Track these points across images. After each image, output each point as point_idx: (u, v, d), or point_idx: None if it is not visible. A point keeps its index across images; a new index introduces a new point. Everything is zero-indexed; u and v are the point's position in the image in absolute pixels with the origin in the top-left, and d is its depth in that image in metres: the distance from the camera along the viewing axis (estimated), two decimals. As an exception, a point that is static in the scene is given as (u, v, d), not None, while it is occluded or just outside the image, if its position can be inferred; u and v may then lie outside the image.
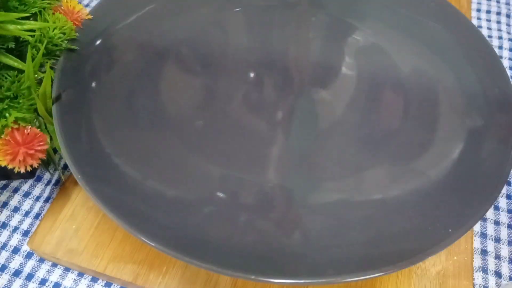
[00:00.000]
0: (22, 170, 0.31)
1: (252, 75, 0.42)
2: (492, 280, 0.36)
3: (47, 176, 0.40)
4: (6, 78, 0.31)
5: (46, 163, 0.37)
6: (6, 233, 0.37)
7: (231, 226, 0.32)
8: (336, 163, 0.37)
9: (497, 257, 0.37)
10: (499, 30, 0.52)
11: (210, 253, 0.29)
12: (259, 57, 0.43)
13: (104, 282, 0.35)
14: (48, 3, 0.34)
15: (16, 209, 0.38)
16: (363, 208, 0.34)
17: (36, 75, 0.32)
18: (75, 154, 0.32)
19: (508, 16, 0.53)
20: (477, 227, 0.38)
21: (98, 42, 0.39)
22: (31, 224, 0.38)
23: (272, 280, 0.28)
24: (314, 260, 0.30)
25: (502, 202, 0.40)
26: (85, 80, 0.37)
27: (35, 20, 0.33)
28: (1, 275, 0.35)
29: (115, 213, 0.30)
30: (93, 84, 0.37)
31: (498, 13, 0.53)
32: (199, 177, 0.35)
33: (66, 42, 0.35)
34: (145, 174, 0.34)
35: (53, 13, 0.34)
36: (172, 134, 0.37)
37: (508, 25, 0.52)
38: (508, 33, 0.52)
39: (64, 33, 0.35)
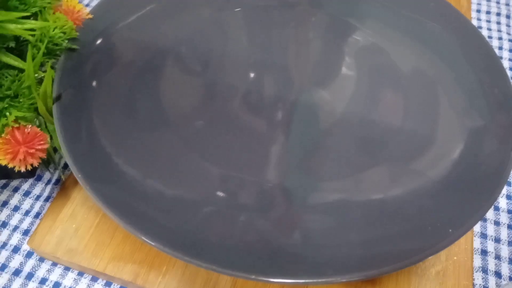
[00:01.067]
0: (23, 169, 0.31)
1: (252, 75, 0.42)
2: (492, 280, 0.36)
3: (47, 175, 0.40)
4: (6, 77, 0.31)
5: (47, 163, 0.37)
6: (6, 232, 0.37)
7: (231, 225, 0.32)
8: (336, 163, 0.37)
9: (497, 257, 0.37)
10: (499, 31, 0.52)
11: (210, 253, 0.30)
12: (259, 57, 0.43)
13: (104, 281, 0.35)
14: (49, 3, 0.34)
15: (16, 208, 0.38)
16: (363, 208, 0.34)
17: (36, 75, 0.32)
18: (75, 153, 0.32)
19: (508, 17, 0.53)
20: (477, 227, 0.38)
21: (98, 41, 0.39)
22: (31, 223, 0.38)
23: (272, 280, 0.28)
24: (314, 260, 0.30)
25: (502, 202, 0.40)
26: (85, 79, 0.37)
27: (36, 19, 0.33)
28: (1, 274, 0.35)
29: (116, 213, 0.30)
30: (94, 84, 0.37)
31: (498, 14, 0.53)
32: (198, 177, 0.35)
33: (66, 41, 0.35)
34: (145, 174, 0.34)
35: (54, 13, 0.34)
36: (172, 133, 0.37)
37: (508, 25, 0.52)
38: (508, 33, 0.52)
39: (64, 33, 0.35)
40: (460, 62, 0.40)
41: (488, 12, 0.53)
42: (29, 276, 0.35)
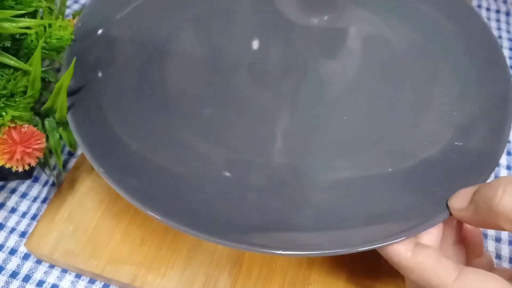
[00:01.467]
0: (20, 169, 0.30)
1: (256, 52, 0.42)
2: (493, 280, 0.36)
3: (44, 177, 0.40)
4: (2, 76, 0.30)
5: (43, 165, 0.37)
6: (3, 234, 0.37)
7: (242, 204, 0.32)
8: (342, 140, 0.37)
9: (498, 256, 0.37)
10: (499, 29, 0.52)
11: (235, 231, 0.29)
12: (263, 33, 0.43)
13: (102, 283, 0.35)
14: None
15: (13, 210, 0.38)
16: (370, 182, 0.33)
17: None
18: (93, 148, 0.31)
19: (507, 14, 0.53)
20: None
21: (102, 31, 0.38)
22: (28, 225, 0.37)
23: (294, 253, 0.28)
24: (325, 233, 0.30)
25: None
26: (92, 71, 0.36)
27: (32, 18, 0.32)
28: (-3, 276, 0.35)
29: (137, 200, 0.29)
30: (100, 75, 0.36)
31: (498, 11, 0.53)
32: (205, 160, 0.34)
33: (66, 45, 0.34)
34: (159, 161, 0.34)
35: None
36: (180, 121, 0.37)
37: (507, 23, 0.52)
38: (508, 31, 0.51)
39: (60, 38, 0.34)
40: (459, 48, 0.39)
41: (488, 9, 0.53)
42: (26, 279, 0.35)
